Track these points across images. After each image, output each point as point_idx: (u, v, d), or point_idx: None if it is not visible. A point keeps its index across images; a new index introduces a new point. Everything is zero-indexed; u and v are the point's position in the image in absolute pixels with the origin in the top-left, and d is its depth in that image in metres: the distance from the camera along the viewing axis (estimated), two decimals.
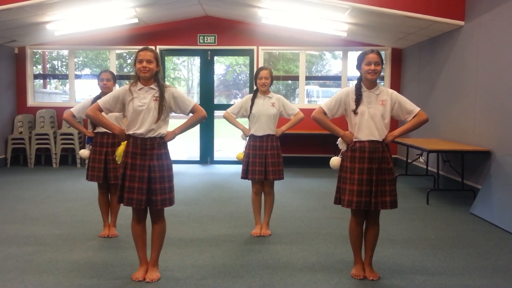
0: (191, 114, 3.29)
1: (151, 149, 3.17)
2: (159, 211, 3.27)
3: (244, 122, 4.54)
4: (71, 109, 4.29)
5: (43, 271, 3.42)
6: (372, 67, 3.17)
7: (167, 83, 3.33)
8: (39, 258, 3.70)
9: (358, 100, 3.22)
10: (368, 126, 3.20)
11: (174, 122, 3.38)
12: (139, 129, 3.14)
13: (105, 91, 4.21)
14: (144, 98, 3.15)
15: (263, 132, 4.31)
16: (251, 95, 4.41)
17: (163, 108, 3.15)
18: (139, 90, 3.17)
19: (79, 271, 3.43)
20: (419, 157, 7.30)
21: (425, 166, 7.36)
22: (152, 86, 3.18)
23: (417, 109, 3.26)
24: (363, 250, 3.41)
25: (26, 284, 3.19)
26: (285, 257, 3.81)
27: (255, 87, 4.40)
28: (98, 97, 4.24)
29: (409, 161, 7.65)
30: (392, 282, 3.30)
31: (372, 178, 3.20)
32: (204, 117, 3.29)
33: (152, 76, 3.17)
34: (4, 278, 3.29)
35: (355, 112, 3.22)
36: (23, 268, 3.49)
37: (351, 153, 3.25)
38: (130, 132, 3.17)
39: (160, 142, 3.20)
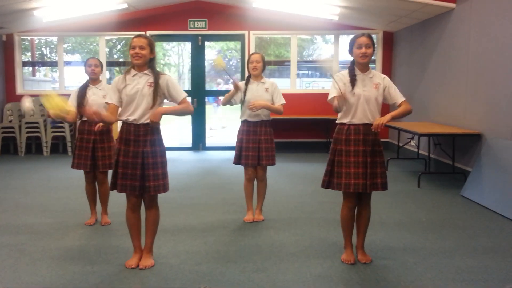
0: None
1: (144, 135, 3.16)
2: (153, 198, 3.27)
3: (237, 113, 4.49)
4: None
5: (36, 260, 3.42)
6: (363, 50, 3.16)
7: (157, 69, 3.30)
8: (32, 247, 3.70)
9: (353, 80, 3.21)
10: (363, 110, 3.21)
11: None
12: (133, 115, 3.13)
13: (92, 77, 4.17)
14: (138, 84, 3.14)
15: (257, 118, 4.29)
16: (243, 82, 4.37)
17: (158, 94, 3.14)
18: (133, 76, 3.17)
19: (73, 259, 3.43)
20: (410, 141, 7.34)
21: (416, 150, 7.41)
22: (146, 72, 3.17)
23: (402, 98, 3.28)
24: (354, 234, 3.44)
25: (20, 273, 3.18)
26: (278, 241, 3.83)
27: (247, 73, 4.37)
28: (85, 85, 4.18)
29: (401, 144, 7.69)
30: (384, 264, 3.34)
31: (367, 160, 3.22)
32: (191, 112, 3.28)
33: (146, 63, 3.16)
34: None
35: (351, 92, 3.20)
36: (16, 256, 3.49)
37: (346, 136, 3.25)
38: (124, 118, 3.17)
39: (153, 128, 3.19)
